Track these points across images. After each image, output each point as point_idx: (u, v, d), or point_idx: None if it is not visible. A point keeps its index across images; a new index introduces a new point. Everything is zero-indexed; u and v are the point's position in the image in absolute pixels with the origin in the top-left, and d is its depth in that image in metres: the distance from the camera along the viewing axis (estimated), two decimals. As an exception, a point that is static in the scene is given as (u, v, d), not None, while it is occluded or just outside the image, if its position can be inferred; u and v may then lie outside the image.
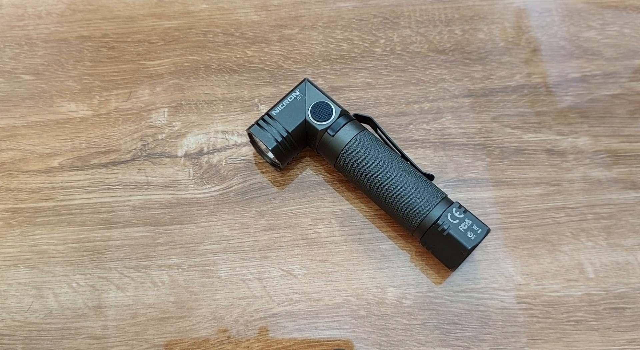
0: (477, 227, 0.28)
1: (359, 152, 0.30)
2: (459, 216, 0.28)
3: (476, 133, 0.35)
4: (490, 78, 0.36)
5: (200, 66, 0.37)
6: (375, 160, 0.30)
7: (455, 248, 0.28)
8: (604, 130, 0.35)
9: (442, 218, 0.28)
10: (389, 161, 0.30)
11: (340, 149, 0.30)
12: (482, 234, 0.28)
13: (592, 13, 0.38)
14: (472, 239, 0.28)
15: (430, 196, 0.29)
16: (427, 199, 0.29)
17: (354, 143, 0.30)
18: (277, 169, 0.34)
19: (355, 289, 0.31)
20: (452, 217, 0.28)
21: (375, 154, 0.30)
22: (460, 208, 0.29)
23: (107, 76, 0.37)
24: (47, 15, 0.39)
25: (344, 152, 0.30)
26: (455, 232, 0.28)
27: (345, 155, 0.30)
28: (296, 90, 0.32)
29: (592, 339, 0.29)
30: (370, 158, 0.30)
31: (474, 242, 0.28)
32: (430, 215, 0.29)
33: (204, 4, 0.39)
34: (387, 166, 0.30)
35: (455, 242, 0.28)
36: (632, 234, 0.32)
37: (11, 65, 0.37)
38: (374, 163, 0.30)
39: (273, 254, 0.32)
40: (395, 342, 0.29)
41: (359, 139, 0.30)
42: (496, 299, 0.30)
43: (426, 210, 0.29)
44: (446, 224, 0.28)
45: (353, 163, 0.30)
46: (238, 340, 0.30)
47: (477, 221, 0.28)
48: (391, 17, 0.38)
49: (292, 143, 0.31)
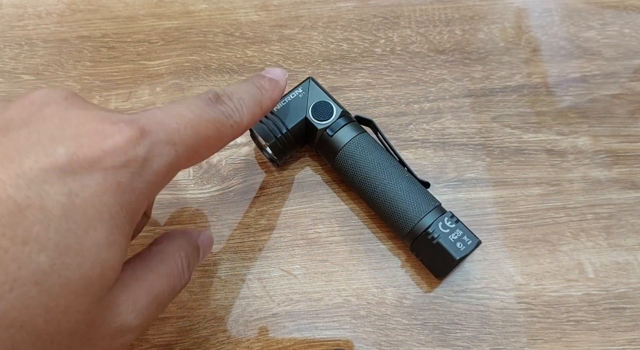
0: (468, 238, 0.28)
1: (356, 154, 0.30)
2: (450, 226, 0.28)
3: (476, 133, 0.35)
4: (490, 78, 0.36)
5: (200, 66, 0.37)
6: (372, 164, 0.30)
7: (444, 258, 0.28)
8: (604, 130, 0.35)
9: (432, 226, 0.28)
10: (385, 165, 0.30)
11: (338, 150, 0.30)
12: (472, 246, 0.28)
13: (592, 13, 0.38)
14: (461, 249, 0.28)
15: (423, 203, 0.29)
16: (420, 206, 0.29)
17: (352, 144, 0.30)
18: (275, 165, 0.34)
19: (355, 289, 0.31)
20: (443, 226, 0.28)
21: (372, 157, 0.30)
22: (452, 218, 0.28)
23: (107, 76, 0.37)
24: (47, 15, 0.39)
25: (341, 152, 0.30)
26: (445, 242, 0.28)
27: (342, 156, 0.30)
28: (299, 88, 0.32)
29: (592, 339, 0.29)
30: (367, 161, 0.30)
31: (462, 253, 0.27)
32: (422, 223, 0.28)
33: (204, 4, 0.39)
34: (383, 170, 0.30)
35: (444, 252, 0.28)
36: (632, 234, 0.32)
37: (11, 65, 0.37)
38: (370, 166, 0.30)
39: (273, 254, 0.32)
40: (395, 342, 0.29)
41: (357, 140, 0.30)
42: (496, 299, 0.30)
43: (418, 217, 0.28)
44: (436, 233, 0.28)
45: (349, 164, 0.30)
46: (238, 340, 0.30)
47: (468, 232, 0.28)
48: (391, 17, 0.38)
49: (290, 140, 0.31)
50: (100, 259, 0.18)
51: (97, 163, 0.18)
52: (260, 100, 0.26)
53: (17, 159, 0.18)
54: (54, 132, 0.19)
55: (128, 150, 0.19)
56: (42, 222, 0.17)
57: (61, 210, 0.17)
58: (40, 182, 0.17)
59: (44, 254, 0.17)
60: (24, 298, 0.17)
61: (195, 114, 0.22)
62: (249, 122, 0.25)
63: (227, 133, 0.23)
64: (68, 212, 0.18)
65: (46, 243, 0.17)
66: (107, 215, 0.19)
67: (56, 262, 0.17)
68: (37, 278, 0.17)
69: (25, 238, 0.17)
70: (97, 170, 0.18)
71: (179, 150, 0.21)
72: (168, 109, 0.22)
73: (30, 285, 0.17)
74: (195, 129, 0.22)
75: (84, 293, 0.18)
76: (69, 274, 0.18)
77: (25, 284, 0.17)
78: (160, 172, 0.20)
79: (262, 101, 0.26)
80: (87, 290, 0.18)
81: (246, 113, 0.24)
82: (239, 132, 0.24)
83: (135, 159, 0.19)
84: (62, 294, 0.18)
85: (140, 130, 0.20)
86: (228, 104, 0.24)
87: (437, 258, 0.28)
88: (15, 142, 0.18)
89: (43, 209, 0.17)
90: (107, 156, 0.19)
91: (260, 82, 0.26)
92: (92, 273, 0.18)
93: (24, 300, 0.17)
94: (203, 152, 0.23)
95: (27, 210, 0.17)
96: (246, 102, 0.25)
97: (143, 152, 0.20)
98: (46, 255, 0.17)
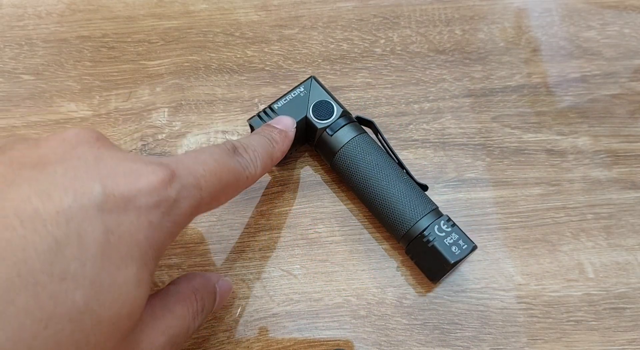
0: (463, 243, 0.28)
1: (354, 154, 0.30)
2: (446, 229, 0.28)
3: (476, 133, 0.35)
4: (490, 78, 0.36)
5: (200, 66, 0.37)
6: (370, 164, 0.30)
7: (439, 261, 0.28)
8: (604, 130, 0.35)
9: (428, 229, 0.28)
10: (383, 166, 0.30)
11: (337, 149, 0.30)
12: (467, 250, 0.28)
13: (592, 13, 0.38)
14: (456, 253, 0.27)
15: (420, 206, 0.29)
16: (417, 208, 0.29)
17: (351, 145, 0.30)
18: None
19: (355, 289, 0.31)
20: (439, 229, 0.28)
21: (371, 158, 0.30)
22: (448, 221, 0.28)
23: (107, 76, 0.37)
24: (47, 15, 0.39)
25: (340, 152, 0.30)
26: (440, 245, 0.28)
27: (341, 155, 0.30)
28: (301, 86, 0.32)
29: (592, 339, 0.29)
30: (365, 161, 0.30)
31: (457, 257, 0.27)
32: (417, 225, 0.28)
33: (204, 4, 0.39)
34: (381, 171, 0.29)
35: (439, 255, 0.28)
36: (632, 234, 0.32)
37: (11, 65, 0.37)
38: (368, 167, 0.30)
39: (273, 254, 0.32)
40: (395, 342, 0.29)
41: (356, 141, 0.30)
42: (496, 299, 0.30)
43: (414, 219, 0.28)
44: (432, 236, 0.28)
45: (348, 164, 0.30)
46: (238, 340, 0.30)
47: (464, 237, 0.28)
48: (391, 17, 0.38)
49: None
50: (130, 296, 0.19)
51: (132, 202, 0.19)
52: (271, 153, 0.28)
53: (55, 195, 0.18)
54: (90, 170, 0.19)
55: (161, 190, 0.20)
56: (80, 260, 0.17)
57: (98, 248, 0.18)
58: (79, 219, 0.17)
59: (79, 291, 0.17)
60: (58, 336, 0.17)
61: (218, 162, 0.23)
62: (261, 173, 0.27)
63: (242, 182, 0.25)
64: (104, 250, 0.18)
65: (82, 281, 0.17)
66: (138, 254, 0.19)
67: (91, 299, 0.17)
68: (72, 316, 0.17)
69: (62, 275, 0.17)
70: (131, 209, 0.19)
71: (203, 194, 0.22)
72: (194, 156, 0.23)
73: (65, 323, 0.17)
74: (217, 176, 0.23)
75: (113, 330, 0.18)
76: (102, 312, 0.18)
77: (61, 322, 0.17)
78: (186, 213, 0.21)
79: (273, 153, 0.28)
80: (117, 328, 0.18)
81: (260, 165, 0.26)
82: (252, 182, 0.26)
83: (167, 199, 0.20)
84: (93, 331, 0.18)
85: (172, 173, 0.21)
86: (244, 156, 0.25)
87: (431, 261, 0.28)
88: (52, 178, 0.18)
89: (81, 246, 0.17)
90: (142, 195, 0.19)
91: (272, 134, 0.28)
92: (123, 311, 0.18)
93: (57, 338, 0.17)
94: (221, 198, 0.24)
95: (65, 248, 0.17)
96: (260, 155, 0.26)
97: (174, 193, 0.20)
98: (82, 293, 0.17)
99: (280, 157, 0.29)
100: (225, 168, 0.23)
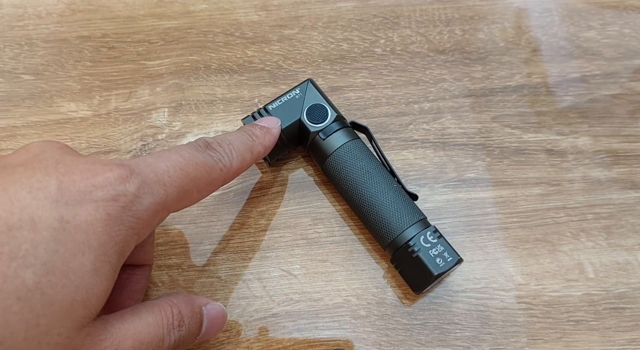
0: (449, 255, 0.28)
1: (345, 160, 0.30)
2: (432, 240, 0.28)
3: (476, 133, 0.35)
4: (490, 78, 0.36)
5: (200, 66, 0.37)
6: (360, 171, 0.30)
7: (422, 272, 0.28)
8: (604, 130, 0.35)
9: (414, 239, 0.28)
10: (373, 174, 0.30)
11: (328, 154, 0.30)
12: (452, 263, 0.27)
13: (592, 13, 0.38)
14: (440, 265, 0.27)
15: (407, 216, 0.29)
16: (404, 218, 0.28)
17: (343, 150, 0.30)
18: (267, 163, 0.34)
19: (355, 289, 0.31)
20: (425, 240, 0.28)
21: (362, 164, 0.30)
22: (435, 232, 0.28)
23: (107, 76, 0.37)
24: (47, 15, 0.39)
25: (331, 157, 0.30)
26: (425, 256, 0.27)
27: (332, 160, 0.30)
28: (297, 89, 0.32)
29: (592, 339, 0.29)
30: (356, 167, 0.30)
31: (441, 269, 0.27)
32: (404, 235, 0.28)
33: (204, 4, 0.39)
34: (371, 178, 0.29)
35: (423, 266, 0.27)
36: (632, 234, 0.32)
37: (11, 65, 0.37)
38: (358, 173, 0.30)
39: (273, 254, 0.32)
40: (395, 342, 0.29)
41: (348, 146, 0.30)
42: (496, 299, 0.30)
43: (400, 228, 0.28)
44: (417, 246, 0.28)
45: (338, 170, 0.30)
46: (238, 340, 0.30)
47: (450, 249, 0.28)
48: (391, 17, 0.38)
49: (283, 140, 0.31)
50: (84, 283, 0.19)
51: (88, 195, 0.20)
52: (251, 146, 0.27)
53: (12, 188, 0.19)
54: (49, 170, 0.20)
55: (117, 185, 0.20)
56: (32, 242, 0.18)
57: (51, 233, 0.18)
58: (33, 208, 0.18)
59: (30, 270, 0.18)
60: (5, 312, 0.17)
61: (184, 157, 0.23)
62: (239, 166, 0.26)
63: (216, 176, 0.25)
64: (58, 236, 0.18)
65: (33, 261, 0.18)
66: (96, 243, 0.19)
67: (41, 280, 0.18)
68: (21, 294, 0.17)
69: (12, 255, 0.17)
70: (87, 202, 0.20)
71: (168, 190, 0.22)
72: (158, 154, 0.23)
73: (13, 300, 0.17)
74: (183, 171, 0.23)
75: (66, 316, 0.19)
76: (52, 293, 0.18)
77: (8, 298, 0.17)
78: (150, 210, 0.21)
79: (253, 147, 0.27)
80: (70, 314, 0.19)
81: (235, 157, 0.26)
82: (229, 175, 0.26)
83: (125, 194, 0.20)
84: (44, 313, 0.18)
85: (130, 170, 0.21)
86: (217, 150, 0.25)
87: (415, 272, 0.28)
88: (11, 176, 0.19)
89: (33, 231, 0.18)
90: (98, 189, 0.20)
91: (252, 129, 0.28)
92: (76, 296, 0.19)
93: (5, 315, 0.17)
94: (194, 194, 0.24)
95: (17, 231, 0.18)
96: (236, 147, 0.26)
97: (133, 188, 0.21)
98: (32, 272, 0.18)
99: (263, 151, 0.28)
100: (192, 162, 0.23)
